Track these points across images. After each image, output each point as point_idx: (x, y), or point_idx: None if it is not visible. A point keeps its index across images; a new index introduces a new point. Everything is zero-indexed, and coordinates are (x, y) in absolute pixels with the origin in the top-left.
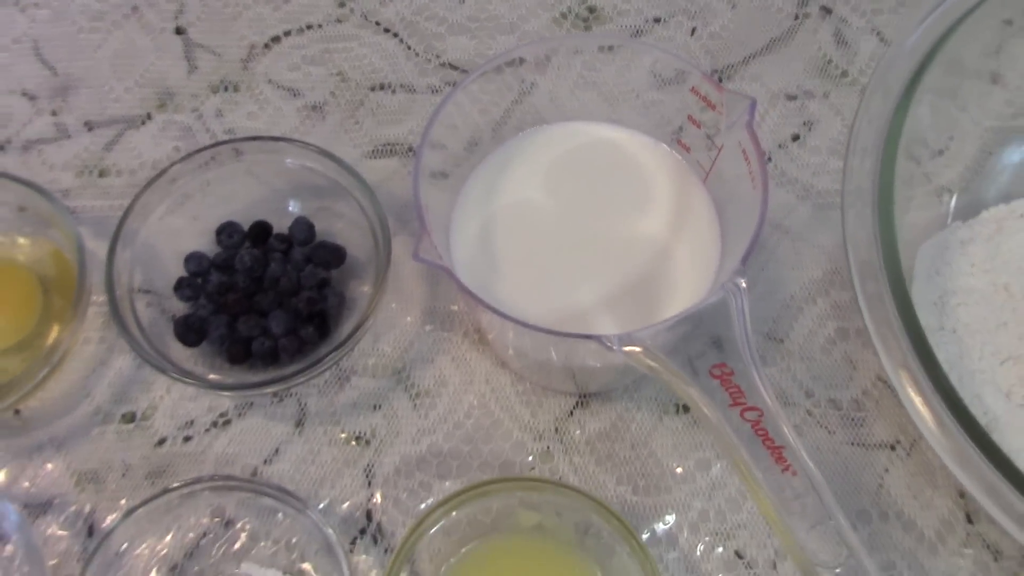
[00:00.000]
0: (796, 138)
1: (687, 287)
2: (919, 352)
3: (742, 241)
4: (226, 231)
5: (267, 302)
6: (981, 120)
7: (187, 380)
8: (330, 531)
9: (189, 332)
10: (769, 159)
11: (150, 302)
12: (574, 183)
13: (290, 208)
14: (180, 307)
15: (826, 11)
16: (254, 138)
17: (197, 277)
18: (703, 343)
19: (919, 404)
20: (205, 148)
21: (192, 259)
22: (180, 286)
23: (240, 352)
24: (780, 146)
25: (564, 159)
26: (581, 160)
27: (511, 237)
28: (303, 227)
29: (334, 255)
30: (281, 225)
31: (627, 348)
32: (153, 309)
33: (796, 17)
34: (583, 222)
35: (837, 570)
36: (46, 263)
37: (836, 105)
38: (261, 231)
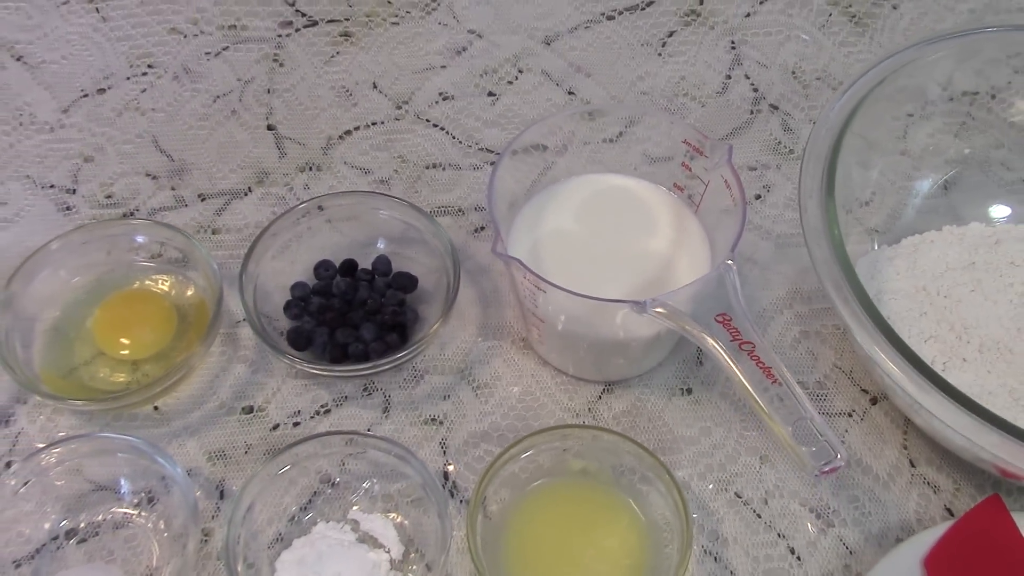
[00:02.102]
0: (759, 197)
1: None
2: (870, 312)
3: (727, 252)
4: (322, 266)
5: (358, 318)
6: (895, 181)
7: (317, 368)
8: (429, 474)
9: (300, 339)
10: None
11: (263, 324)
12: (598, 215)
13: (377, 246)
14: (285, 325)
15: (773, 108)
16: (347, 192)
17: (301, 300)
18: (708, 304)
19: (880, 353)
20: (297, 205)
21: (297, 287)
22: (288, 307)
23: (339, 353)
24: (747, 203)
25: (589, 199)
26: (602, 200)
27: (552, 255)
28: (384, 262)
29: (410, 281)
30: (363, 263)
31: (656, 309)
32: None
33: (751, 112)
34: (605, 243)
35: (814, 448)
36: (177, 294)
37: (787, 173)
38: (350, 266)
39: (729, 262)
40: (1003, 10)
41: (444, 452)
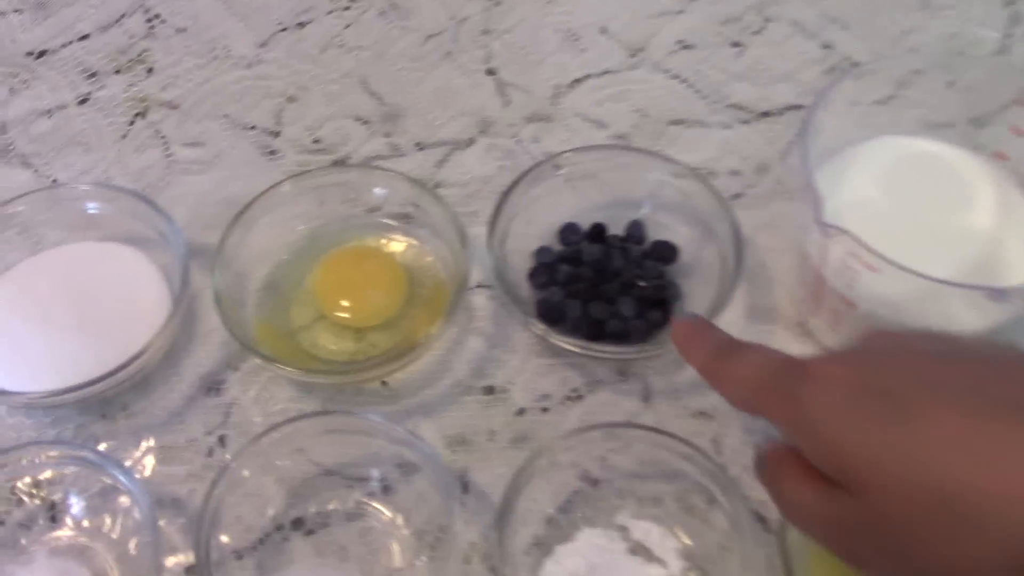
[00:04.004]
0: None
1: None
2: None
3: None
4: (569, 229)
5: (612, 291)
6: None
7: (577, 345)
8: (719, 473)
9: (551, 312)
10: None
11: (490, 295)
12: (906, 185)
13: (629, 209)
14: (524, 294)
15: None
16: (591, 148)
17: (547, 267)
18: None
19: None
20: (542, 163)
21: (542, 252)
22: (534, 274)
23: (596, 331)
24: None
25: (893, 166)
26: (909, 167)
27: (857, 229)
28: (638, 228)
29: (671, 251)
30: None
31: None
32: (494, 302)
33: None
34: (917, 217)
35: None
36: (406, 253)
37: None
38: (599, 231)
39: None
40: None
41: (719, 452)
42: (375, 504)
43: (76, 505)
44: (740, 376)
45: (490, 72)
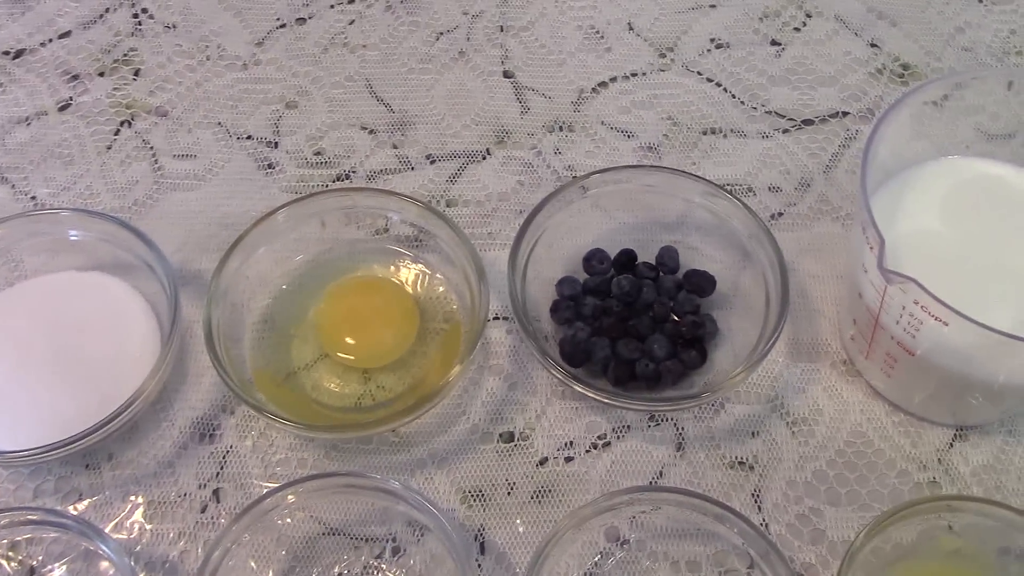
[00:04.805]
0: None
1: None
2: None
3: None
4: (595, 258)
5: (643, 326)
6: None
7: (605, 397)
8: (762, 537)
9: (577, 352)
10: None
11: (508, 329)
12: (970, 214)
13: (658, 233)
14: (546, 327)
15: None
16: (617, 168)
17: (571, 300)
18: None
19: None
20: (568, 186)
21: (565, 283)
22: (557, 308)
23: (625, 373)
24: None
25: (955, 192)
26: (973, 193)
27: (915, 265)
28: (671, 255)
29: (707, 282)
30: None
31: None
32: (512, 336)
33: None
34: (983, 252)
35: None
36: (417, 285)
37: None
38: (627, 258)
39: None
40: None
41: (759, 507)
42: (384, 568)
43: (56, 571)
44: None
45: (507, 75)
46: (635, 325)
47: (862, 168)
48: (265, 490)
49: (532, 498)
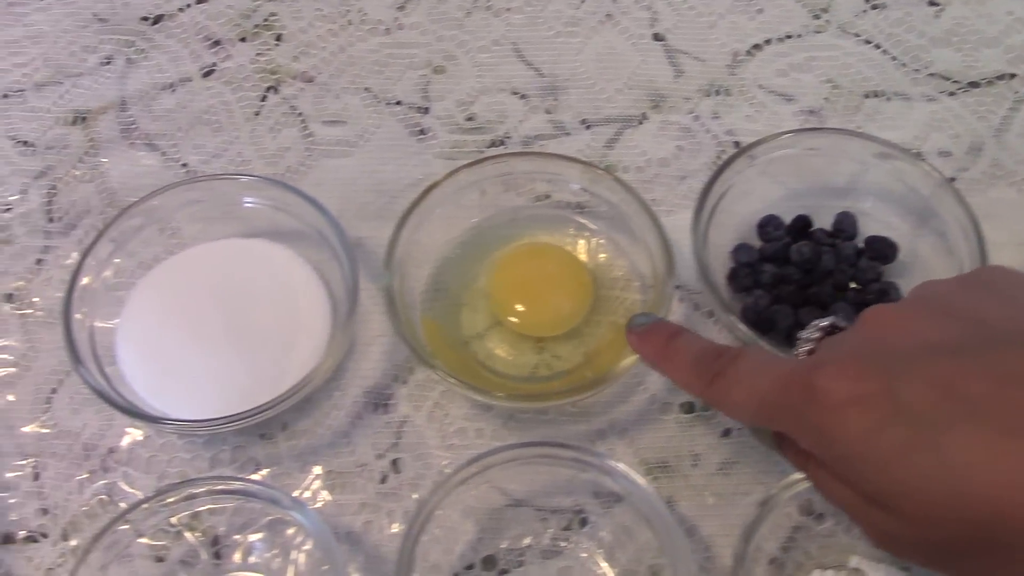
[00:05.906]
0: None
1: None
2: None
3: None
4: (771, 224)
5: (824, 294)
6: None
7: None
8: None
9: (761, 321)
10: None
11: (681, 297)
12: None
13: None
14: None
15: None
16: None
17: (749, 267)
18: None
19: None
20: (737, 156)
21: (741, 250)
22: (735, 275)
23: None
24: None
25: None
26: None
27: None
28: (849, 221)
29: (890, 249)
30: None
31: None
32: (685, 304)
33: None
34: None
35: None
36: (585, 252)
37: None
38: (803, 225)
39: None
40: None
41: None
42: (574, 539)
43: (242, 540)
44: (735, 401)
45: (657, 37)
46: (816, 293)
47: None
48: (445, 461)
49: (718, 469)
